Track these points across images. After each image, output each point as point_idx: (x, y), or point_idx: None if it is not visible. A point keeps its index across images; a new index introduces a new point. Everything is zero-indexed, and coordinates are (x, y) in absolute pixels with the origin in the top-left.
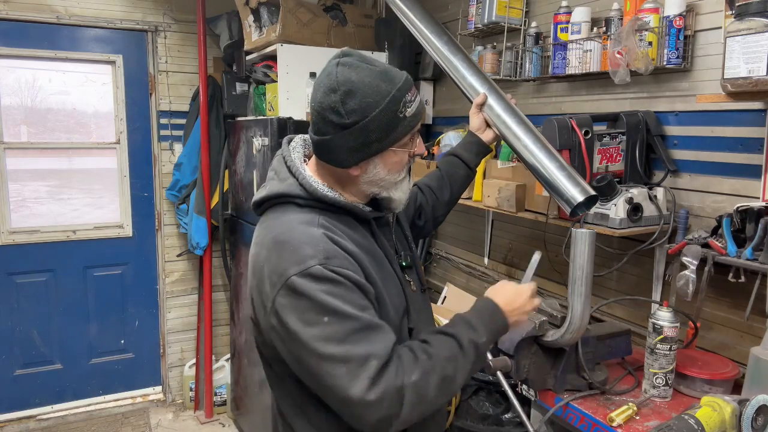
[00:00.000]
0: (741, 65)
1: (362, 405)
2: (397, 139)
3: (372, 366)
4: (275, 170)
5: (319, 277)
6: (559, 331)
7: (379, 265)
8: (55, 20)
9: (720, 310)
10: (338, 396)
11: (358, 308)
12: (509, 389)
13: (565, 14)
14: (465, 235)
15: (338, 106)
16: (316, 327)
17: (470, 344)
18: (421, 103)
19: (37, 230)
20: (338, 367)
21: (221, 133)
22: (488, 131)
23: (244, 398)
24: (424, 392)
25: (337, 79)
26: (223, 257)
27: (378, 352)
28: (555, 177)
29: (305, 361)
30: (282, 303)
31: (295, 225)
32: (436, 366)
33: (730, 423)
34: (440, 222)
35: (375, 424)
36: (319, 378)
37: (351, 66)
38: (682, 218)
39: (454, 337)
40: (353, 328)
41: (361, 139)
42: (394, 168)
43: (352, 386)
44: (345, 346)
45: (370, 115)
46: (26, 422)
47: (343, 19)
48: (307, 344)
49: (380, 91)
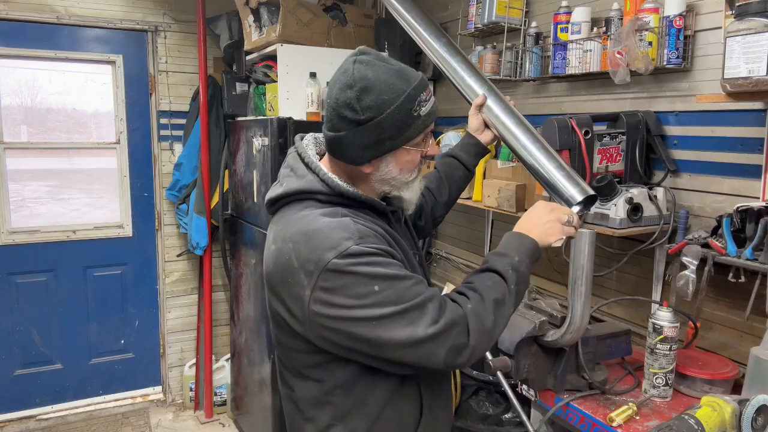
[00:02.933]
0: (741, 65)
1: (431, 340)
2: (411, 137)
3: (429, 308)
4: (291, 167)
5: (359, 254)
6: (559, 331)
7: (404, 252)
8: (55, 20)
9: (720, 310)
10: (405, 345)
11: (400, 268)
12: (509, 389)
13: (565, 14)
14: (465, 235)
15: (353, 102)
16: (369, 297)
17: (506, 267)
18: (435, 103)
19: (37, 230)
20: (399, 320)
21: (221, 133)
22: (486, 132)
23: (244, 398)
24: (483, 317)
25: (353, 76)
26: (223, 257)
27: (431, 296)
28: (554, 177)
29: (360, 334)
30: (325, 286)
31: (318, 217)
32: (484, 294)
33: (730, 423)
34: (439, 222)
35: (445, 356)
36: (380, 341)
37: (368, 64)
38: (682, 218)
39: (489, 269)
40: (403, 286)
41: (374, 136)
42: (406, 167)
43: (416, 329)
44: (401, 304)
45: (385, 113)
46: (26, 422)
47: (343, 19)
48: (363, 316)
49: (395, 89)
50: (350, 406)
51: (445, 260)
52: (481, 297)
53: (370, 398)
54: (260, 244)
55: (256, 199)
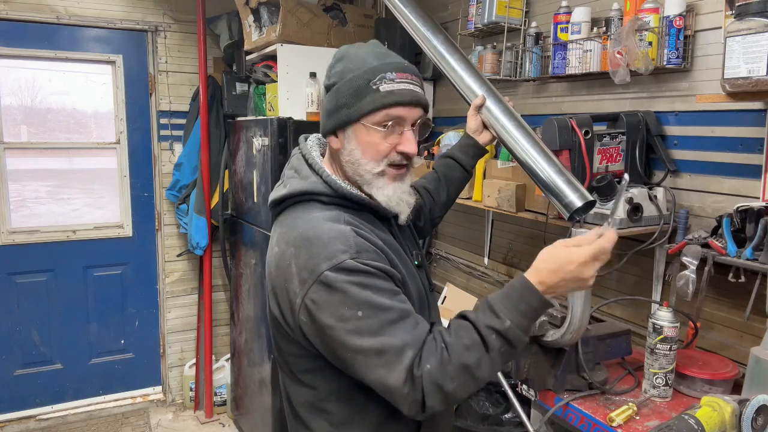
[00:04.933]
0: (741, 65)
1: (397, 391)
2: (365, 110)
3: (408, 356)
4: (295, 168)
5: (352, 270)
6: (559, 331)
7: (402, 261)
8: (55, 20)
9: (720, 310)
10: (373, 384)
11: (391, 296)
12: (509, 389)
13: (565, 14)
14: (465, 235)
15: (328, 70)
16: (350, 322)
17: (489, 331)
18: (411, 91)
19: (37, 230)
20: (374, 359)
21: (221, 133)
22: (485, 133)
23: (244, 398)
24: (440, 381)
25: (341, 50)
26: (223, 257)
27: (413, 340)
28: (553, 181)
29: (340, 355)
30: (314, 299)
31: (321, 222)
32: (453, 355)
33: (730, 423)
34: (437, 223)
35: (408, 410)
36: (356, 370)
37: (360, 45)
38: (682, 218)
39: (473, 324)
40: (387, 319)
41: (333, 102)
42: (368, 150)
43: (388, 376)
44: (378, 337)
45: (345, 78)
46: (26, 422)
47: (343, 19)
48: (342, 339)
49: (364, 62)
50: (348, 414)
51: (445, 260)
52: (448, 357)
53: (367, 407)
54: (260, 244)
55: (256, 199)
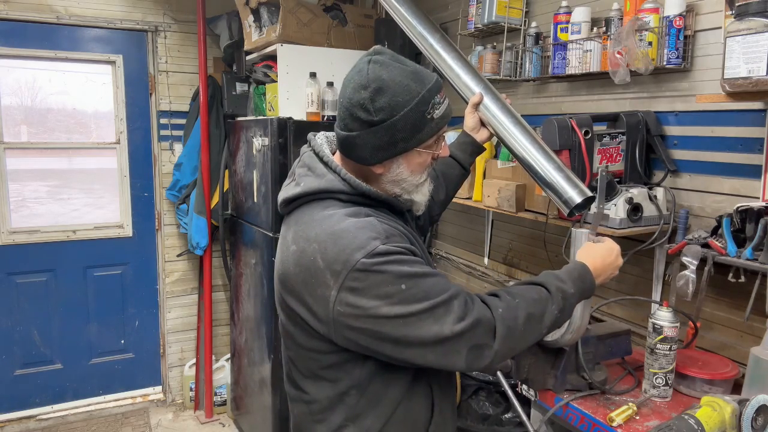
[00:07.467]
0: (741, 65)
1: (456, 337)
2: (423, 140)
3: (455, 305)
4: (308, 166)
5: (386, 253)
6: (559, 331)
7: (422, 251)
8: (55, 20)
9: (720, 310)
10: (430, 342)
11: (425, 267)
12: (509, 389)
13: (565, 14)
14: (465, 235)
15: (367, 103)
16: (396, 296)
17: (558, 291)
18: (449, 106)
19: (37, 230)
20: (426, 318)
21: (221, 133)
22: (482, 131)
23: (244, 398)
24: (512, 324)
25: (368, 76)
26: (223, 257)
27: (456, 293)
28: (552, 178)
29: (386, 333)
30: (353, 287)
31: (344, 217)
32: (522, 304)
33: (730, 423)
34: (436, 221)
35: (467, 355)
36: (407, 340)
37: (383, 64)
38: (682, 218)
39: (542, 284)
40: (429, 283)
41: (387, 137)
42: (417, 169)
43: (443, 327)
44: (427, 301)
45: (398, 114)
46: (26, 422)
47: (343, 19)
48: (391, 314)
49: (410, 91)
50: (364, 406)
51: (446, 260)
52: (517, 305)
53: (383, 398)
54: (260, 244)
55: (256, 199)
